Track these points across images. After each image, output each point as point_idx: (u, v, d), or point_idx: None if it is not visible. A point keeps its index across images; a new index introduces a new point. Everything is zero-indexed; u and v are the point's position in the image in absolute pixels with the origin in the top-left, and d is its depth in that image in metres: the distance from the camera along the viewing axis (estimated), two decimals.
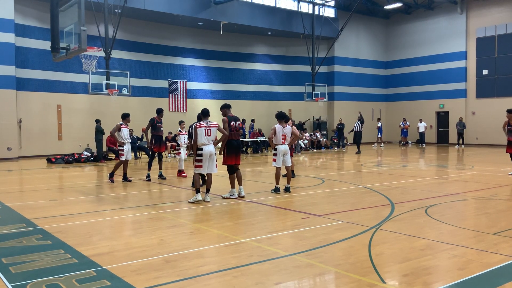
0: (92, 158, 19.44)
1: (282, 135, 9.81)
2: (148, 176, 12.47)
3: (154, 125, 12.41)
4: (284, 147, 9.84)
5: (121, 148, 12.18)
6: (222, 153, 9.25)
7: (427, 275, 4.48)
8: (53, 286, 4.21)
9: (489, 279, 4.41)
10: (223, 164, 9.32)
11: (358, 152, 22.27)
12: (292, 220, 7.19)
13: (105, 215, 7.73)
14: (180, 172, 13.31)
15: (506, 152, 12.97)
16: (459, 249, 5.38)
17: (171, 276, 4.48)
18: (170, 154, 21.15)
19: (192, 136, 9.10)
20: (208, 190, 8.98)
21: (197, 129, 8.79)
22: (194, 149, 8.84)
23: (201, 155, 8.73)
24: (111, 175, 12.18)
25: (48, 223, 7.01)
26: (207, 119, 9.02)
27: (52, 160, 18.60)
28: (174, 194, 10.29)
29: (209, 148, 8.75)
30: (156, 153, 12.67)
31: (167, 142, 20.51)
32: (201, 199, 8.75)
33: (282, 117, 9.93)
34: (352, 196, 9.67)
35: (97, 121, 19.77)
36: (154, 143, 12.40)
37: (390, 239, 5.84)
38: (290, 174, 10.25)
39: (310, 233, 6.20)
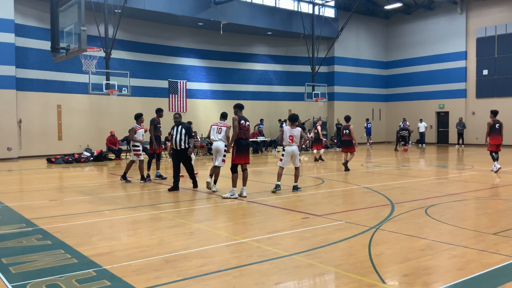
0: (92, 158, 19.43)
1: (290, 136, 9.99)
2: (148, 176, 12.47)
3: (155, 125, 12.43)
4: (291, 148, 10.01)
5: (137, 148, 12.12)
6: (232, 151, 9.39)
7: (427, 275, 4.48)
8: (53, 286, 4.21)
9: (489, 279, 4.41)
10: (232, 162, 9.35)
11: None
12: (292, 220, 7.19)
13: (105, 215, 7.73)
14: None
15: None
16: (459, 249, 5.38)
17: (171, 276, 4.47)
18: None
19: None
20: (215, 181, 10.18)
21: (211, 126, 10.20)
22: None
23: (211, 149, 10.07)
24: (143, 177, 12.08)
25: (48, 223, 7.01)
26: (224, 121, 10.24)
27: (52, 160, 18.60)
28: (174, 194, 10.28)
29: (216, 144, 9.95)
30: (155, 154, 12.67)
31: (166, 142, 20.54)
32: (209, 181, 10.04)
33: (294, 120, 10.18)
34: (352, 196, 9.67)
35: (190, 123, 19.78)
36: (157, 144, 12.44)
37: (390, 239, 5.84)
38: (298, 173, 10.21)
39: (310, 233, 6.20)
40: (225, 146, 10.00)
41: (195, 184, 10.84)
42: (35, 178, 13.63)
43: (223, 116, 10.20)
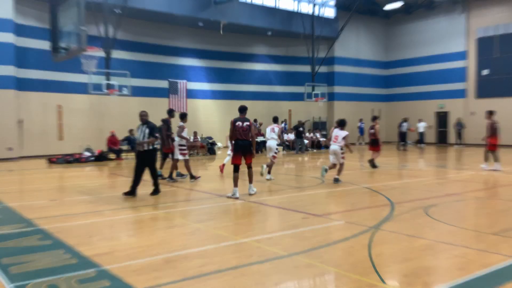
0: (92, 158, 19.41)
1: (335, 136, 11.51)
2: (180, 174, 12.58)
3: (168, 126, 12.54)
4: (332, 147, 11.55)
5: (183, 147, 12.09)
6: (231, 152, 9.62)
7: (427, 275, 4.48)
8: (53, 286, 4.21)
9: (489, 279, 4.41)
10: (231, 163, 9.42)
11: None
12: (292, 220, 7.18)
13: (105, 215, 7.73)
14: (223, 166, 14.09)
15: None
16: (459, 249, 5.38)
17: (171, 276, 4.47)
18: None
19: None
20: (269, 172, 12.12)
21: (266, 129, 12.64)
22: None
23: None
24: (192, 176, 12.04)
25: (48, 223, 7.00)
26: (275, 123, 12.58)
27: (52, 160, 18.59)
28: (174, 194, 10.29)
29: (269, 142, 12.36)
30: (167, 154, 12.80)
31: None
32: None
33: (343, 124, 11.71)
34: (352, 196, 9.67)
35: (255, 120, 19.28)
36: (169, 144, 12.55)
37: (390, 239, 5.84)
38: (341, 169, 11.56)
39: (310, 233, 6.20)
40: (277, 144, 12.38)
41: (155, 191, 9.63)
42: (35, 178, 13.63)
43: (275, 119, 12.90)
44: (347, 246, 5.57)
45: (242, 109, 9.64)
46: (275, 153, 12.21)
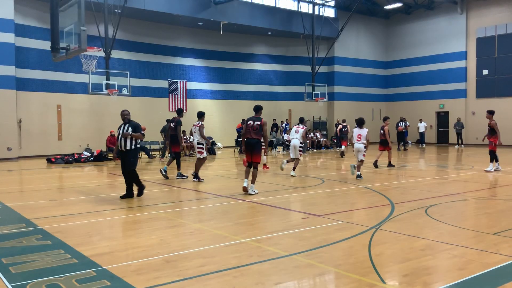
0: (92, 158, 19.41)
1: (358, 135, 12.31)
2: (181, 174, 12.62)
3: (181, 125, 12.65)
4: (357, 145, 12.35)
5: (202, 146, 12.12)
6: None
7: (427, 275, 4.48)
8: (53, 286, 4.21)
9: (489, 279, 4.41)
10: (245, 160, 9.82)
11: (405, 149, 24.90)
12: (292, 220, 7.18)
13: (105, 215, 7.73)
14: (264, 165, 14.76)
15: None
16: (459, 249, 5.38)
17: (171, 276, 4.47)
18: (187, 153, 21.19)
19: None
20: (294, 168, 13.03)
21: (292, 128, 13.75)
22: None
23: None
24: (196, 176, 12.06)
25: (48, 223, 7.01)
26: (301, 124, 13.51)
27: (52, 160, 18.59)
28: (174, 194, 10.29)
29: (293, 141, 13.05)
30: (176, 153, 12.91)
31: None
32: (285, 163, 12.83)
33: (362, 123, 12.50)
34: (352, 196, 9.67)
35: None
36: (179, 143, 12.60)
37: (390, 239, 5.84)
38: (360, 165, 12.29)
39: (310, 233, 6.20)
40: (301, 143, 13.02)
41: (139, 192, 9.35)
42: (35, 178, 13.63)
43: (301, 120, 13.90)
44: (347, 246, 5.57)
45: (256, 109, 9.91)
46: (300, 151, 13.15)
